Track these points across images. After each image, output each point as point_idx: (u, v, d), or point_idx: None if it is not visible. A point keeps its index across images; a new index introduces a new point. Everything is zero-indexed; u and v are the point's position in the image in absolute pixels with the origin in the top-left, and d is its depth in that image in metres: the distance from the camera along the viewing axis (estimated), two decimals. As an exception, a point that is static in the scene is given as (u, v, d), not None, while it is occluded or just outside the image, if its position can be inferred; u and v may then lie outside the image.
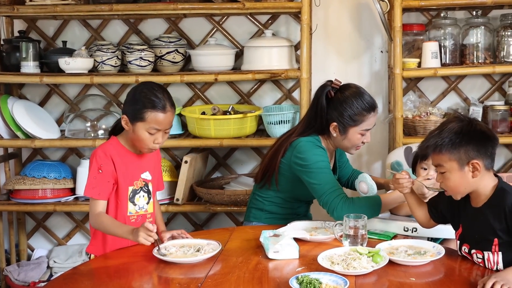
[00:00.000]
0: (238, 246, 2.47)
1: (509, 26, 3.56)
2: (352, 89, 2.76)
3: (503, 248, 2.14)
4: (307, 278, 2.00)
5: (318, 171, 2.67)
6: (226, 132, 3.53)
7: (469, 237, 2.24)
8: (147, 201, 2.60)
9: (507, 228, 2.12)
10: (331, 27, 3.83)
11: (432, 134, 2.21)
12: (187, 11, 3.54)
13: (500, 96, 3.81)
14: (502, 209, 2.11)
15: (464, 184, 2.17)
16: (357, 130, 2.73)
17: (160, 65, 3.70)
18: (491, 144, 2.17)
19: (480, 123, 2.22)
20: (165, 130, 2.48)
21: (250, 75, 3.54)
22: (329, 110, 2.74)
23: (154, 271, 2.25)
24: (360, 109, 2.70)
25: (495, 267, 2.15)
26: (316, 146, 2.73)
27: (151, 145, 2.48)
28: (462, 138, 2.13)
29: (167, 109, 2.45)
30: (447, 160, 2.16)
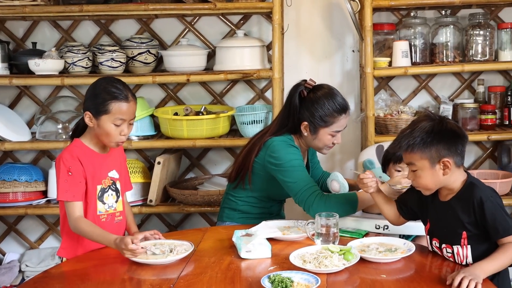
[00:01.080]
0: (211, 246, 2.47)
1: (477, 25, 3.61)
2: (325, 90, 2.77)
3: (472, 241, 2.18)
4: (279, 277, 2.01)
5: (293, 169, 2.69)
6: (199, 133, 3.53)
7: (438, 231, 2.28)
8: (115, 200, 2.60)
9: (475, 221, 2.16)
10: (303, 27, 3.85)
11: (404, 133, 2.24)
12: (159, 11, 3.53)
13: (470, 94, 3.86)
14: (471, 202, 2.16)
15: (435, 181, 2.20)
16: (328, 131, 2.74)
17: (132, 66, 3.69)
18: (461, 142, 2.20)
19: (450, 121, 2.26)
20: (129, 121, 2.51)
21: (222, 75, 3.54)
22: (301, 110, 2.75)
23: (126, 272, 2.24)
24: (331, 110, 2.72)
25: (465, 261, 2.19)
26: (289, 145, 2.74)
27: (118, 138, 2.49)
28: (433, 137, 2.17)
29: (129, 99, 2.48)
30: (419, 158, 2.19)
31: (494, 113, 3.63)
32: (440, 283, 2.04)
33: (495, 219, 2.12)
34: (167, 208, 3.68)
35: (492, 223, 2.12)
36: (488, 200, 2.14)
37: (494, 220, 2.12)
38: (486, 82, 3.79)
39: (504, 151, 3.75)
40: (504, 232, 2.12)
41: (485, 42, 3.61)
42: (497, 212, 2.14)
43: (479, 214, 2.14)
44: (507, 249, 2.11)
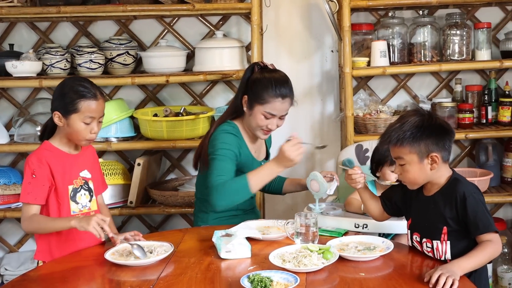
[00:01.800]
0: (191, 247, 2.47)
1: (454, 25, 3.65)
2: (274, 72, 2.81)
3: (452, 237, 2.21)
4: (258, 276, 2.01)
5: (217, 158, 2.69)
6: (178, 134, 3.53)
7: (420, 225, 2.30)
8: (89, 199, 2.61)
9: (457, 216, 2.19)
10: (281, 27, 3.86)
11: (393, 127, 2.25)
12: (137, 12, 3.53)
13: (448, 94, 3.89)
14: (454, 197, 2.19)
15: (422, 175, 2.23)
16: (261, 110, 2.74)
17: (110, 67, 3.67)
18: (449, 137, 2.24)
19: (439, 117, 2.31)
20: (99, 119, 2.53)
21: (201, 76, 3.54)
22: (247, 85, 2.79)
23: (106, 274, 2.23)
24: (269, 89, 2.72)
25: (443, 256, 2.22)
26: (227, 134, 2.75)
27: (88, 136, 2.51)
28: (423, 132, 2.20)
29: (98, 97, 2.51)
30: (408, 153, 2.21)
31: (471, 112, 3.66)
32: (418, 281, 2.06)
33: (476, 215, 2.15)
34: (147, 210, 3.68)
35: (473, 219, 2.15)
36: (471, 196, 2.17)
37: (475, 216, 2.15)
38: (464, 81, 3.82)
39: (481, 150, 3.80)
40: (484, 229, 2.15)
41: (462, 42, 3.65)
42: (479, 208, 2.17)
43: (461, 209, 2.17)
44: (485, 247, 2.14)
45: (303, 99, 3.91)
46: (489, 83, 3.76)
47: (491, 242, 2.14)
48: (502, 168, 3.79)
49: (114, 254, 2.34)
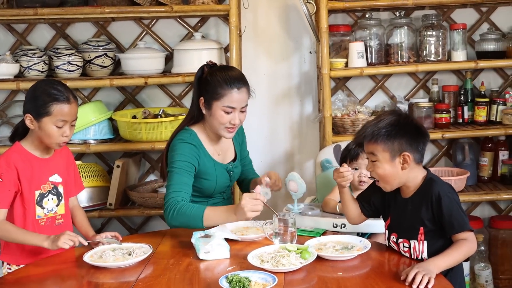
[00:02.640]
0: (170, 248, 2.48)
1: (430, 26, 3.69)
2: (223, 67, 2.81)
3: (428, 237, 2.24)
4: (237, 276, 2.02)
5: (174, 171, 2.66)
6: (157, 135, 3.52)
7: (397, 226, 2.33)
8: (56, 203, 2.59)
9: (433, 216, 2.22)
10: (260, 29, 3.87)
11: (370, 124, 2.29)
12: (115, 14, 3.52)
13: (425, 94, 3.93)
14: (429, 198, 2.22)
15: (393, 174, 2.25)
16: (220, 106, 2.69)
17: (89, 69, 3.66)
18: (423, 140, 2.27)
19: (416, 119, 2.34)
20: (71, 122, 2.52)
21: (180, 78, 3.54)
22: (200, 87, 2.76)
23: (85, 276, 2.23)
24: (222, 81, 2.68)
25: (420, 255, 2.25)
26: (184, 143, 2.71)
27: (59, 139, 2.49)
28: (397, 131, 2.23)
29: (71, 100, 2.49)
30: (381, 150, 2.24)
31: (448, 112, 3.70)
32: (395, 279, 2.08)
33: (451, 215, 2.19)
34: (127, 212, 3.67)
35: (448, 218, 2.18)
36: (446, 196, 2.20)
37: (450, 215, 2.18)
38: (440, 82, 3.87)
39: (458, 149, 3.84)
40: (459, 228, 2.18)
41: (438, 43, 3.69)
42: (454, 207, 2.20)
43: (437, 209, 2.20)
44: (460, 246, 2.17)
45: (281, 100, 3.94)
46: (465, 84, 3.81)
47: (467, 241, 2.17)
48: (478, 167, 3.84)
49: (93, 256, 2.33)
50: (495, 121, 3.72)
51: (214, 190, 2.83)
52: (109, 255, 2.33)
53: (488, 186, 3.76)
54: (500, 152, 3.81)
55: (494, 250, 3.81)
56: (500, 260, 3.79)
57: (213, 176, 2.78)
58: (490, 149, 3.81)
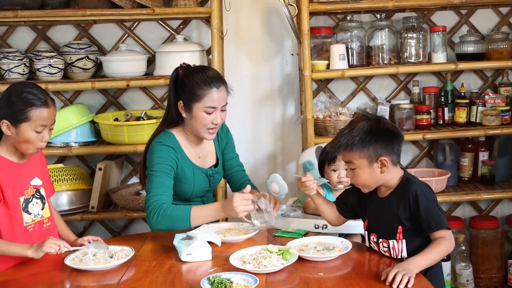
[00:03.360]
0: (152, 251, 2.48)
1: (411, 29, 3.72)
2: (200, 67, 2.77)
3: (407, 235, 2.26)
4: (218, 278, 2.03)
5: (153, 174, 2.64)
6: (140, 138, 3.52)
7: (376, 226, 2.35)
8: (41, 207, 2.55)
9: (410, 215, 2.25)
10: (242, 31, 3.89)
11: (343, 133, 2.31)
12: (96, 17, 3.51)
13: (406, 95, 3.97)
14: (407, 197, 2.25)
15: (373, 179, 2.29)
16: (200, 107, 2.66)
17: (70, 72, 3.65)
18: (397, 141, 2.30)
19: (387, 121, 2.35)
20: (50, 126, 2.47)
21: (162, 80, 3.54)
22: (177, 90, 2.73)
23: (66, 280, 2.23)
24: (200, 82, 2.66)
25: (400, 254, 2.27)
26: (162, 146, 2.69)
27: (38, 144, 2.45)
28: (371, 137, 2.25)
29: (49, 104, 2.44)
30: (357, 157, 2.27)
31: (429, 113, 3.74)
32: (376, 279, 2.10)
33: (429, 213, 2.21)
34: (109, 214, 3.66)
35: (425, 217, 2.21)
36: (423, 195, 2.23)
37: (427, 214, 2.21)
38: (421, 83, 3.90)
39: (439, 150, 3.88)
40: (436, 226, 2.21)
41: (418, 45, 3.73)
42: (431, 206, 2.22)
43: (414, 208, 2.23)
44: (438, 244, 2.20)
45: (264, 102, 3.95)
46: (445, 85, 3.84)
47: (444, 239, 2.20)
48: (459, 167, 3.88)
49: (74, 260, 2.33)
50: (475, 122, 3.76)
51: (192, 194, 2.82)
52: (90, 258, 2.32)
53: (468, 187, 3.80)
54: (480, 152, 3.85)
55: (474, 250, 3.85)
56: (480, 259, 3.83)
57: (191, 180, 2.76)
58: (470, 150, 3.85)
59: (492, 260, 3.82)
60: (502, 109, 3.71)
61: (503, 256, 3.85)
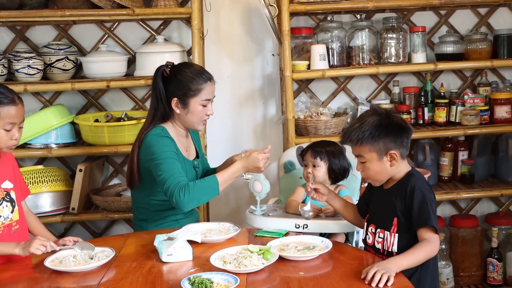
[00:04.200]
0: (133, 252, 2.47)
1: (391, 29, 3.75)
2: (189, 64, 2.89)
3: (400, 230, 2.30)
4: (199, 278, 2.03)
5: (162, 161, 2.68)
6: (120, 139, 3.51)
7: (376, 217, 2.41)
8: (11, 210, 2.54)
9: (405, 208, 2.29)
10: (223, 31, 3.88)
11: (353, 127, 2.36)
12: (76, 17, 3.49)
13: (386, 95, 3.99)
14: (405, 190, 2.30)
15: (383, 172, 2.34)
16: (198, 101, 2.78)
17: (50, 73, 3.62)
18: (406, 135, 2.36)
19: (396, 115, 2.41)
20: (20, 124, 2.47)
21: (142, 81, 3.53)
22: (168, 89, 2.80)
23: (46, 281, 2.21)
24: (197, 79, 2.78)
25: (391, 248, 2.31)
26: (161, 137, 2.75)
27: (9, 143, 2.45)
28: (381, 131, 2.30)
29: (17, 102, 2.45)
30: (368, 151, 2.32)
31: (409, 113, 3.77)
32: (356, 278, 2.11)
33: (421, 208, 2.25)
34: (90, 216, 3.64)
35: (417, 211, 2.25)
36: (420, 189, 2.28)
37: (420, 208, 2.25)
38: (401, 83, 3.93)
39: (419, 149, 3.91)
40: (425, 222, 2.25)
41: (398, 45, 3.75)
42: (425, 202, 2.27)
43: (409, 200, 2.28)
44: (422, 246, 2.23)
45: (245, 102, 3.95)
46: (425, 85, 3.87)
47: (429, 242, 2.23)
48: (439, 167, 3.91)
49: (54, 261, 2.32)
50: (454, 122, 3.79)
51: None
52: (70, 259, 2.31)
53: (448, 186, 3.84)
54: (459, 152, 3.88)
55: (454, 249, 3.88)
56: (460, 258, 3.86)
57: (184, 171, 2.78)
58: (450, 149, 3.89)
59: (471, 258, 3.86)
60: (481, 108, 3.74)
61: (482, 254, 3.89)
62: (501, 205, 4.08)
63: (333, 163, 2.85)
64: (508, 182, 3.85)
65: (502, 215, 3.96)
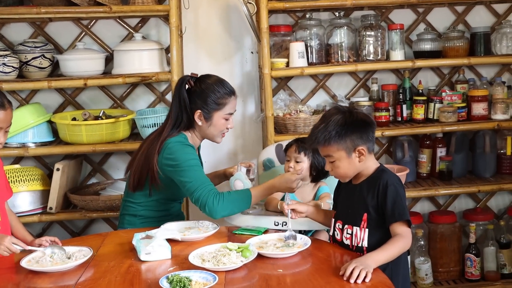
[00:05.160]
0: (111, 251, 2.46)
1: (369, 27, 3.76)
2: (213, 77, 2.88)
3: (370, 226, 2.31)
4: (177, 276, 2.02)
5: (189, 169, 2.70)
6: (98, 137, 3.48)
7: (343, 213, 2.41)
8: None
9: (377, 203, 2.30)
10: (201, 29, 3.87)
11: (319, 128, 2.35)
12: (52, 15, 3.45)
13: (365, 93, 4.00)
14: (377, 185, 2.30)
15: (352, 168, 2.35)
16: (221, 115, 2.82)
17: (26, 71, 3.58)
18: (371, 129, 2.37)
19: (359, 111, 2.41)
20: (6, 129, 2.45)
21: (120, 79, 3.50)
22: (192, 100, 2.81)
23: (22, 282, 2.19)
24: (223, 93, 2.81)
25: (361, 243, 2.31)
26: (185, 145, 2.77)
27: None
28: (347, 129, 2.30)
29: (5, 107, 2.43)
30: (336, 150, 2.32)
31: (387, 110, 3.78)
32: (334, 275, 2.11)
33: (394, 203, 2.27)
34: (68, 215, 3.61)
35: (391, 206, 2.26)
36: (393, 185, 2.29)
37: (393, 203, 2.26)
38: (380, 81, 3.94)
39: (398, 146, 3.93)
40: (399, 217, 2.26)
41: (377, 43, 3.76)
42: (398, 198, 2.28)
43: (381, 197, 2.28)
44: (396, 241, 2.24)
45: (224, 100, 3.94)
46: (404, 82, 3.89)
47: (402, 237, 2.24)
48: (417, 164, 3.93)
49: (30, 261, 2.29)
50: (432, 119, 3.81)
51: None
52: (47, 259, 2.29)
53: (427, 182, 3.86)
54: (438, 149, 3.91)
55: (433, 244, 3.91)
56: (439, 253, 3.89)
57: None
58: (428, 146, 3.91)
59: (450, 254, 3.89)
60: (459, 105, 3.77)
61: (460, 250, 3.92)
62: (479, 201, 4.11)
63: (316, 160, 2.85)
64: (485, 179, 3.88)
65: (480, 211, 4.00)
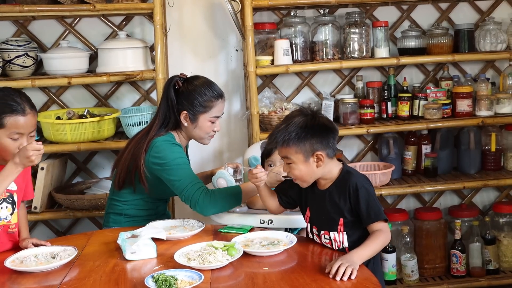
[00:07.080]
0: (96, 250, 2.44)
1: (354, 24, 3.76)
2: (202, 79, 2.88)
3: (347, 228, 2.31)
4: (163, 275, 2.02)
5: (177, 167, 2.70)
6: (83, 136, 3.46)
7: (317, 219, 2.39)
8: (11, 212, 2.49)
9: (351, 207, 2.29)
10: (186, 27, 3.86)
11: (279, 129, 2.33)
12: (35, 13, 3.42)
13: (350, 90, 4.01)
14: (347, 190, 2.29)
15: (309, 173, 2.32)
16: (207, 117, 2.82)
17: (9, 69, 3.55)
18: (333, 135, 2.34)
19: (322, 116, 2.38)
20: (29, 134, 2.41)
21: (104, 77, 3.48)
22: (179, 101, 2.81)
23: (6, 282, 2.17)
24: (210, 96, 2.82)
25: (342, 245, 2.31)
26: (172, 144, 2.77)
27: (16, 152, 2.36)
28: (307, 132, 2.28)
29: (27, 112, 2.39)
30: (294, 152, 2.29)
31: (372, 108, 3.79)
32: (320, 272, 2.12)
33: (368, 205, 2.27)
34: (53, 215, 3.58)
35: (365, 209, 2.26)
36: (363, 187, 2.28)
37: (367, 206, 2.26)
38: (365, 78, 3.95)
39: (383, 143, 3.94)
40: (375, 217, 2.27)
41: (361, 40, 3.77)
42: (370, 198, 2.28)
43: (354, 200, 2.28)
44: (377, 236, 2.25)
45: (209, 98, 3.93)
46: (388, 80, 3.90)
47: (382, 231, 2.26)
48: (403, 160, 3.95)
49: (14, 261, 2.28)
50: (417, 116, 3.82)
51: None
52: (31, 259, 2.27)
53: (412, 179, 3.87)
54: (423, 145, 3.92)
55: (419, 241, 3.92)
56: (425, 250, 3.90)
57: None
58: (413, 143, 3.92)
59: (435, 250, 3.90)
60: (443, 102, 3.79)
61: (446, 246, 3.94)
62: (464, 198, 4.14)
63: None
64: (470, 175, 3.90)
65: (465, 207, 4.02)
